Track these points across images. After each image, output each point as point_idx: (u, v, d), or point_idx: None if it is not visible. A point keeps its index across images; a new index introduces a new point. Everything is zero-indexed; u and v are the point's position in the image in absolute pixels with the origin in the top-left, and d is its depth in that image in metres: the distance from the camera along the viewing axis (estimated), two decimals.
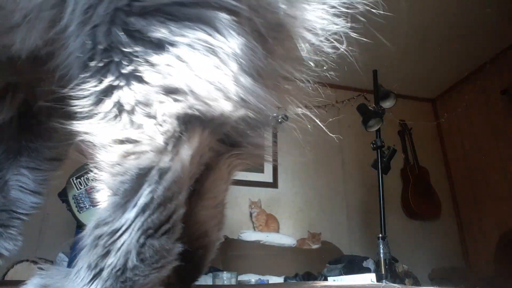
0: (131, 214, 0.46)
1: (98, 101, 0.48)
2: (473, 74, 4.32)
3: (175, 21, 0.47)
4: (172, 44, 0.46)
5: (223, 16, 0.49)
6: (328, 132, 0.84)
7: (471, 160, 4.30)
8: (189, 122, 0.49)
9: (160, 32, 0.46)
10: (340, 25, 0.62)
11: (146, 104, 0.47)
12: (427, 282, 3.15)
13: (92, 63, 0.48)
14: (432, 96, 4.89)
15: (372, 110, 2.92)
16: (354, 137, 4.15)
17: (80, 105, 0.48)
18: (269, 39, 0.57)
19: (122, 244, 0.45)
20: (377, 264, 2.37)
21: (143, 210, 0.46)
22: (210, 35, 0.47)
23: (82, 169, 2.28)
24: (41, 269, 0.52)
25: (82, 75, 0.48)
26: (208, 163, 0.60)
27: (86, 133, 0.49)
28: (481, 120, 4.21)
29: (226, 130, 0.58)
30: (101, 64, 0.47)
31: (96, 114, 0.48)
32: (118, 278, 0.44)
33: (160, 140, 0.47)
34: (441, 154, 4.69)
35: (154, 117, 0.47)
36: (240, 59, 0.49)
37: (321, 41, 0.63)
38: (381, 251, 2.32)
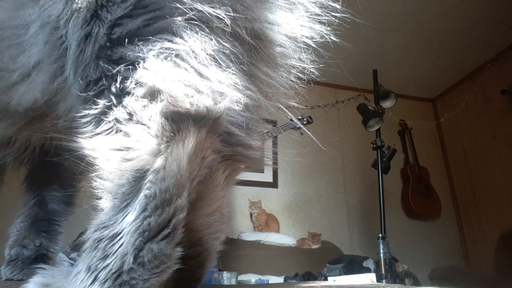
0: (130, 217, 0.46)
1: (97, 122, 0.54)
2: (473, 74, 4.32)
3: (143, 40, 0.55)
4: (143, 59, 0.53)
5: (178, 20, 0.56)
6: (318, 142, 0.87)
7: (471, 160, 4.30)
8: (180, 122, 0.51)
9: (134, 52, 0.54)
10: (324, 31, 0.67)
11: (134, 113, 0.52)
12: (427, 282, 3.15)
13: (89, 94, 0.55)
14: (432, 96, 4.89)
15: (372, 110, 2.92)
16: (354, 137, 4.15)
17: (84, 129, 0.55)
18: (251, 44, 0.63)
19: (120, 247, 0.45)
20: (377, 264, 2.37)
21: (140, 212, 0.46)
22: (170, 41, 0.55)
23: None
24: (43, 268, 0.52)
25: (82, 106, 0.55)
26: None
27: (89, 149, 0.54)
28: (481, 120, 4.21)
29: (223, 130, 0.58)
30: (94, 92, 0.55)
31: (97, 133, 0.53)
32: (115, 281, 0.44)
33: (151, 142, 0.50)
34: (441, 154, 4.69)
35: (141, 123, 0.51)
36: (200, 55, 0.55)
37: (304, 47, 0.67)
38: (381, 251, 2.32)
